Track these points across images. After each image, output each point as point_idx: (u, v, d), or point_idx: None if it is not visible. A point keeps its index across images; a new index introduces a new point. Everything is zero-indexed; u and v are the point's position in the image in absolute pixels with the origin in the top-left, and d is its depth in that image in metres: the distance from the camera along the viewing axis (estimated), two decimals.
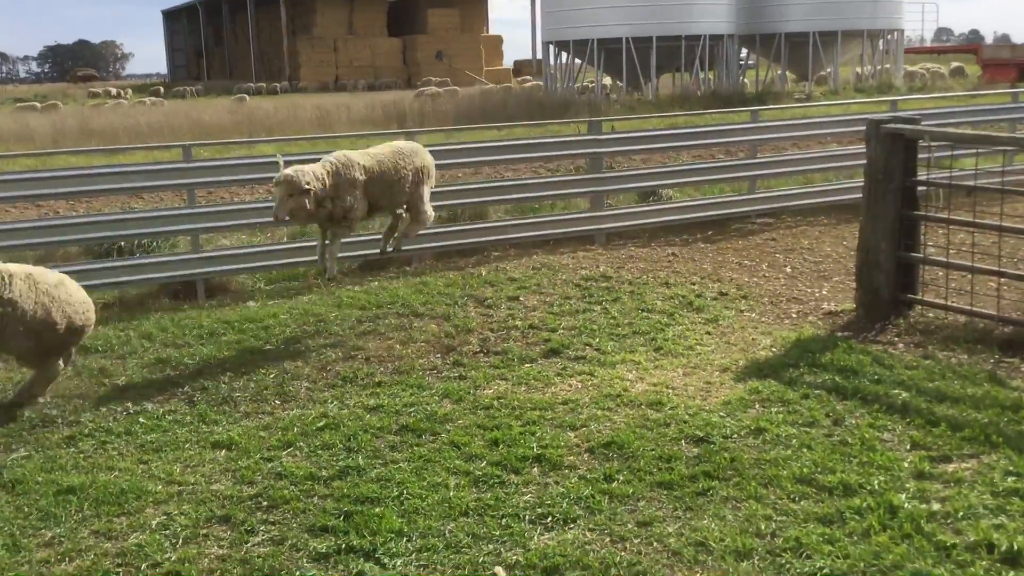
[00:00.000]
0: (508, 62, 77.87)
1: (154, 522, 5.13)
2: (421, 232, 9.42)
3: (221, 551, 4.84)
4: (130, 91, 60.36)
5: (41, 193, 10.34)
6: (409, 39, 71.42)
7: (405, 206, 8.88)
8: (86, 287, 9.65)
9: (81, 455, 6.09)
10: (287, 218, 7.95)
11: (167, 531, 5.04)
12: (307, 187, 7.71)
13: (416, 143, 9.25)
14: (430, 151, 11.65)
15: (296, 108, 29.39)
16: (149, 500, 5.39)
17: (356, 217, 8.31)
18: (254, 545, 4.88)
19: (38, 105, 42.29)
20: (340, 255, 10.86)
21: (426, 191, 8.83)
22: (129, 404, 6.99)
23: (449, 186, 12.99)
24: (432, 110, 28.60)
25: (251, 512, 5.21)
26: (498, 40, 78.22)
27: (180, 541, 4.94)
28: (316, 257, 10.71)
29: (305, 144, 15.10)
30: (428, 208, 8.85)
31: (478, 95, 36.38)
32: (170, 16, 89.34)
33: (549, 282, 9.96)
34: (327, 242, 8.45)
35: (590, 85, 37.39)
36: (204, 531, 5.05)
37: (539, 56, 46.61)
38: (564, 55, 36.88)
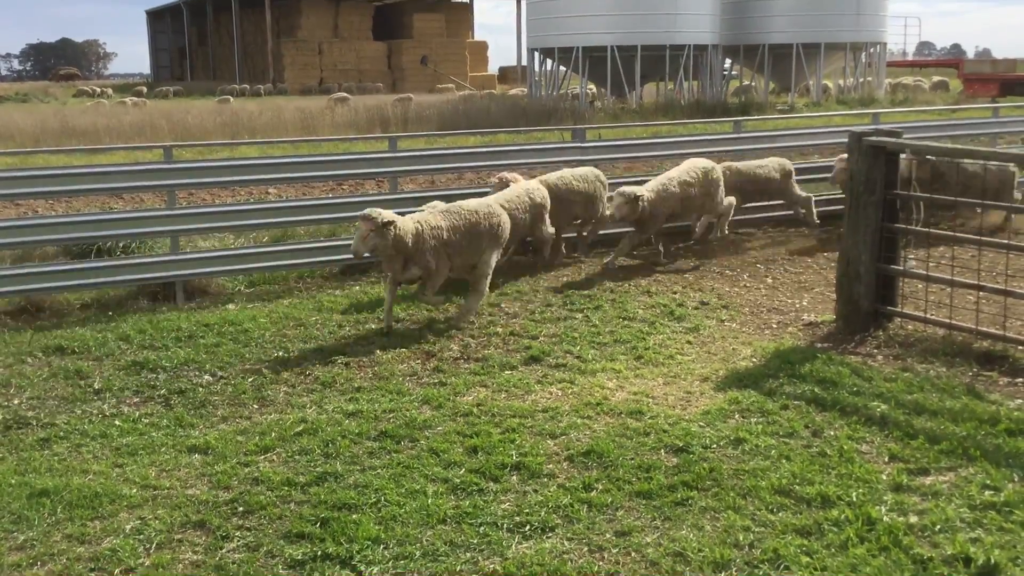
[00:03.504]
0: (493, 68, 77.92)
1: (128, 526, 5.08)
2: None
3: (195, 557, 4.79)
4: (110, 91, 59.93)
5: (20, 192, 10.25)
6: (394, 43, 71.30)
7: None
8: (64, 287, 9.67)
9: (55, 457, 6.02)
10: None
11: (141, 536, 4.98)
12: None
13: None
14: (412, 156, 11.70)
15: (280, 110, 29.28)
16: (123, 504, 5.33)
17: None
18: (229, 551, 4.83)
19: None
20: (322, 258, 10.86)
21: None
22: (105, 406, 6.92)
23: (431, 191, 12.97)
24: (416, 115, 28.53)
25: (226, 518, 5.17)
26: (483, 46, 78.22)
27: (154, 546, 4.89)
28: (297, 261, 10.69)
29: (288, 147, 15.07)
30: None
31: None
32: (154, 16, 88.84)
33: (531, 289, 9.95)
34: None
35: (574, 92, 37.43)
36: (178, 536, 5.00)
37: (524, 63, 46.66)
38: (549, 62, 36.94)
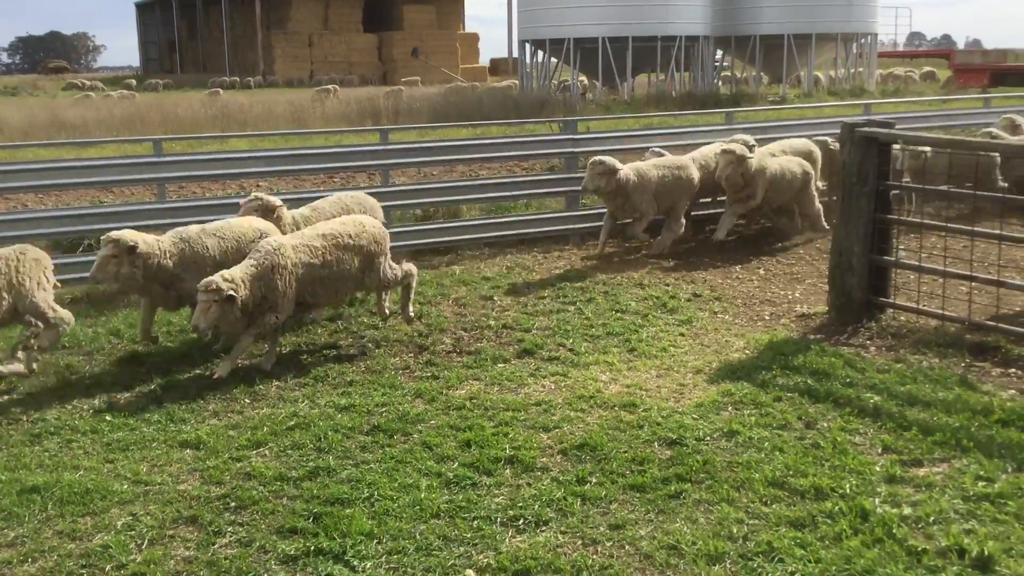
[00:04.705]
0: (484, 60, 77.76)
1: (119, 522, 5.05)
2: (401, 230, 9.38)
3: (188, 552, 4.77)
4: (101, 84, 59.61)
5: (9, 186, 10.19)
6: (385, 35, 71.09)
7: None
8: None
9: (46, 453, 5.99)
10: None
11: (133, 532, 4.96)
12: None
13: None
14: (404, 148, 11.67)
15: (271, 103, 29.18)
16: (115, 500, 5.30)
17: None
18: (221, 547, 4.81)
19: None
20: None
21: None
22: (96, 402, 6.89)
23: (423, 184, 12.96)
24: (407, 107, 28.47)
25: (219, 513, 5.14)
26: (474, 38, 78.04)
27: (146, 542, 4.86)
28: None
29: (279, 140, 15.01)
30: None
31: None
32: (143, 8, 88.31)
33: (523, 281, 9.92)
34: None
35: (564, 83, 37.36)
36: (170, 532, 4.97)
37: (515, 54, 46.56)
38: (540, 54, 36.86)
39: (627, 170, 10.62)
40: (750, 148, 11.42)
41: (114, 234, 7.42)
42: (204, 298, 6.94)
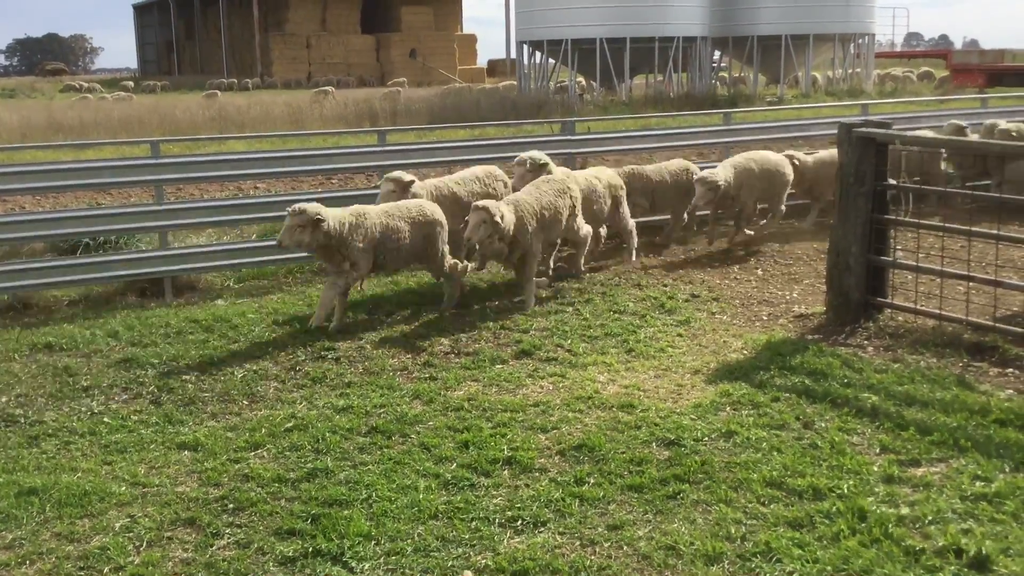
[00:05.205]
0: (482, 61, 77.75)
1: (117, 524, 5.05)
2: None
3: (186, 554, 4.77)
4: (97, 85, 59.55)
5: (6, 188, 10.18)
6: (383, 37, 71.08)
7: None
8: (51, 284, 9.61)
9: (44, 455, 5.99)
10: None
11: (131, 534, 4.96)
12: None
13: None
14: (402, 149, 11.67)
15: (268, 104, 29.16)
16: (113, 502, 5.30)
17: None
18: (219, 548, 4.81)
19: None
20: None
21: None
22: (93, 404, 6.89)
23: None
24: (405, 109, 28.45)
25: (217, 515, 5.14)
26: (472, 39, 78.03)
27: (144, 544, 4.86)
28: (286, 256, 10.64)
29: (277, 141, 14.99)
30: None
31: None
32: (141, 10, 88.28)
33: None
34: None
35: (561, 84, 37.37)
36: (168, 534, 4.97)
37: (513, 56, 46.57)
38: (538, 55, 36.86)
39: (339, 217, 8.29)
40: (541, 166, 10.00)
41: None
42: None
